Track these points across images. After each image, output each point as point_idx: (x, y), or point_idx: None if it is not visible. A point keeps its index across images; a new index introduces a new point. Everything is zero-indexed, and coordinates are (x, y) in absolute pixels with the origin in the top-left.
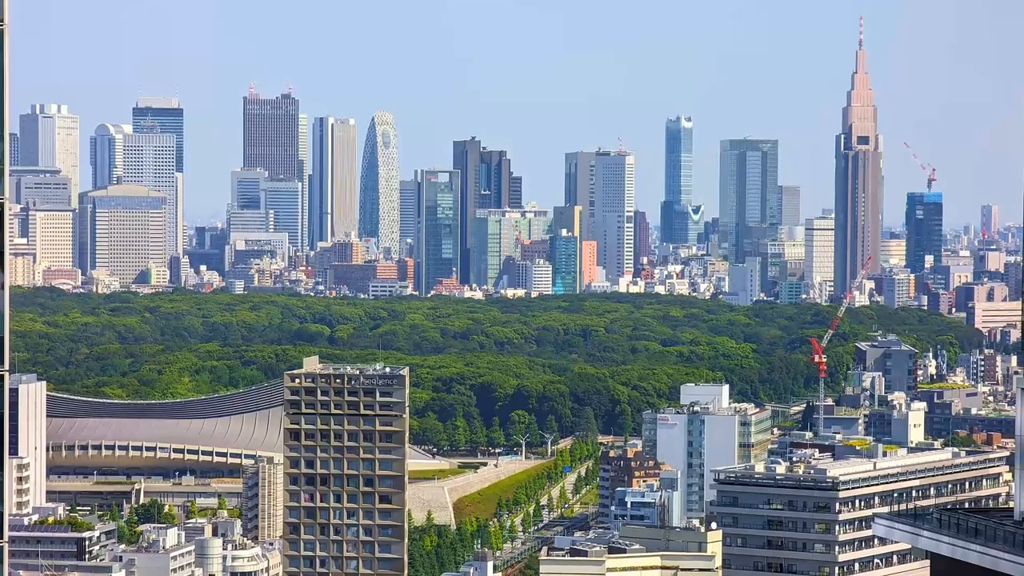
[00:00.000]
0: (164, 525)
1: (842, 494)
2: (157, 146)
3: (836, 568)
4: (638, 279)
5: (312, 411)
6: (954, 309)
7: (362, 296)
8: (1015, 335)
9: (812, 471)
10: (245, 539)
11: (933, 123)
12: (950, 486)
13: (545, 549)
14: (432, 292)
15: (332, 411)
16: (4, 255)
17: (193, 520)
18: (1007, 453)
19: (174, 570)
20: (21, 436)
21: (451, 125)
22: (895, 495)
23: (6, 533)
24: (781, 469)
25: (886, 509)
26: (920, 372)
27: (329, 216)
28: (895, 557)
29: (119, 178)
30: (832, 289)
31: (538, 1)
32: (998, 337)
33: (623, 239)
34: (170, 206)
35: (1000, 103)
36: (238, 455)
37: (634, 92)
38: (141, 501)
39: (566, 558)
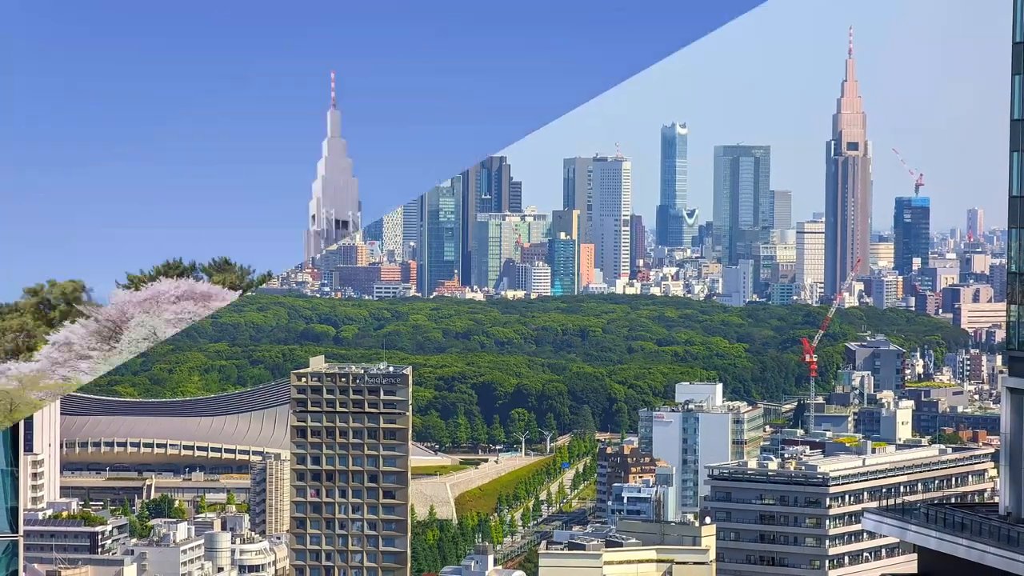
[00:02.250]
0: (174, 520)
1: (832, 490)
2: None
3: (826, 561)
4: (634, 281)
5: (318, 409)
6: (941, 310)
7: (366, 297)
8: (1000, 335)
9: (803, 467)
10: (253, 533)
11: (920, 129)
12: (937, 482)
13: (544, 543)
14: (434, 293)
15: (337, 409)
16: None
17: (203, 515)
18: (992, 450)
19: (184, 563)
20: (36, 434)
21: None
22: (884, 490)
23: (21, 527)
24: (773, 465)
25: (875, 504)
26: (908, 371)
27: None
28: (883, 551)
29: None
30: (822, 290)
31: None
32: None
33: (620, 242)
34: None
35: (985, 110)
36: (246, 452)
37: (630, 100)
38: (152, 496)
39: (565, 551)
